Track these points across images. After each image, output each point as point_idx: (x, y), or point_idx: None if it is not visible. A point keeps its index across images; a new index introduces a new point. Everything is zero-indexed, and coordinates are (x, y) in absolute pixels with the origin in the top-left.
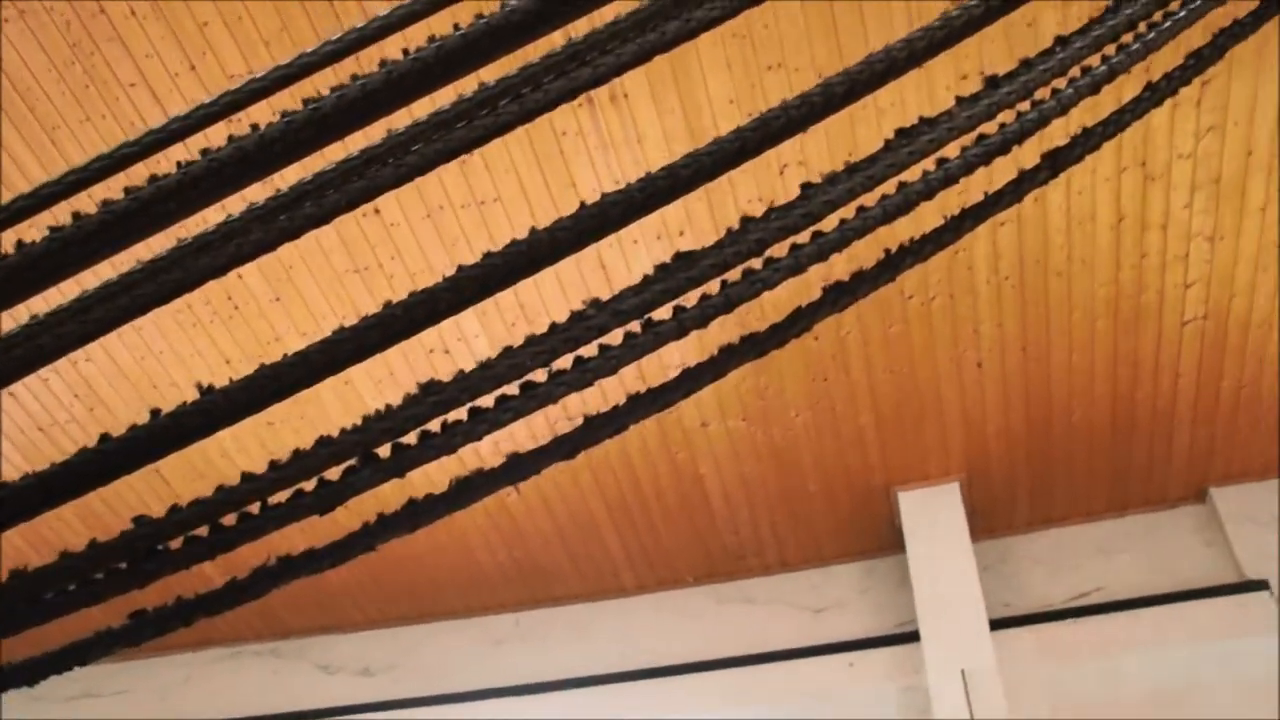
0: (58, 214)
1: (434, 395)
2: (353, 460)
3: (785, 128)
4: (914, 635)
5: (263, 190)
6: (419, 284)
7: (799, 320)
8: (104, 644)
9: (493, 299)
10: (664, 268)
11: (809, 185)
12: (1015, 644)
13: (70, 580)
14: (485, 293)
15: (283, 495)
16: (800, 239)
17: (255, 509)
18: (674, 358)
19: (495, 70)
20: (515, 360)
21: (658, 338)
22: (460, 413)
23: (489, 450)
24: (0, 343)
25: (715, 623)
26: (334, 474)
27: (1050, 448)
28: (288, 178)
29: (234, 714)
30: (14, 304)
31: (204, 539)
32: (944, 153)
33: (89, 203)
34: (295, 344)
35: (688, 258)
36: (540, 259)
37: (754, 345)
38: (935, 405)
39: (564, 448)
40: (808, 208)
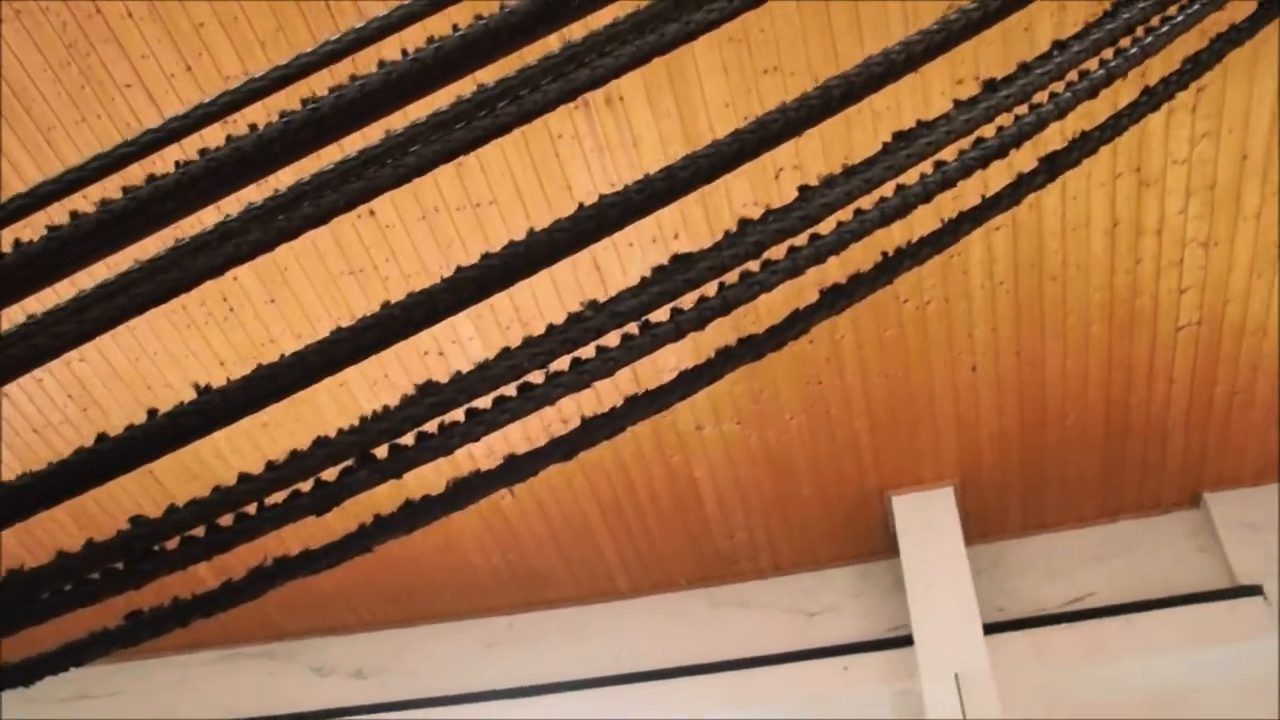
0: (53, 214)
1: (431, 396)
2: (350, 461)
3: (783, 130)
4: (908, 639)
5: (259, 191)
6: (414, 286)
7: (796, 322)
8: (100, 645)
9: (488, 302)
10: (661, 270)
11: (806, 188)
12: (1009, 648)
13: (66, 580)
14: (483, 294)
15: (280, 496)
16: (798, 241)
17: (252, 510)
18: (669, 360)
19: (493, 72)
20: (513, 362)
21: (655, 339)
22: (457, 414)
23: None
24: None
25: (709, 626)
26: (331, 475)
27: (1044, 452)
28: (285, 179)
29: (228, 716)
30: (12, 303)
31: (200, 539)
32: (941, 156)
33: (85, 203)
34: (290, 346)
35: (685, 260)
36: (538, 260)
37: (751, 347)
38: (929, 409)
39: (561, 449)
40: (805, 210)
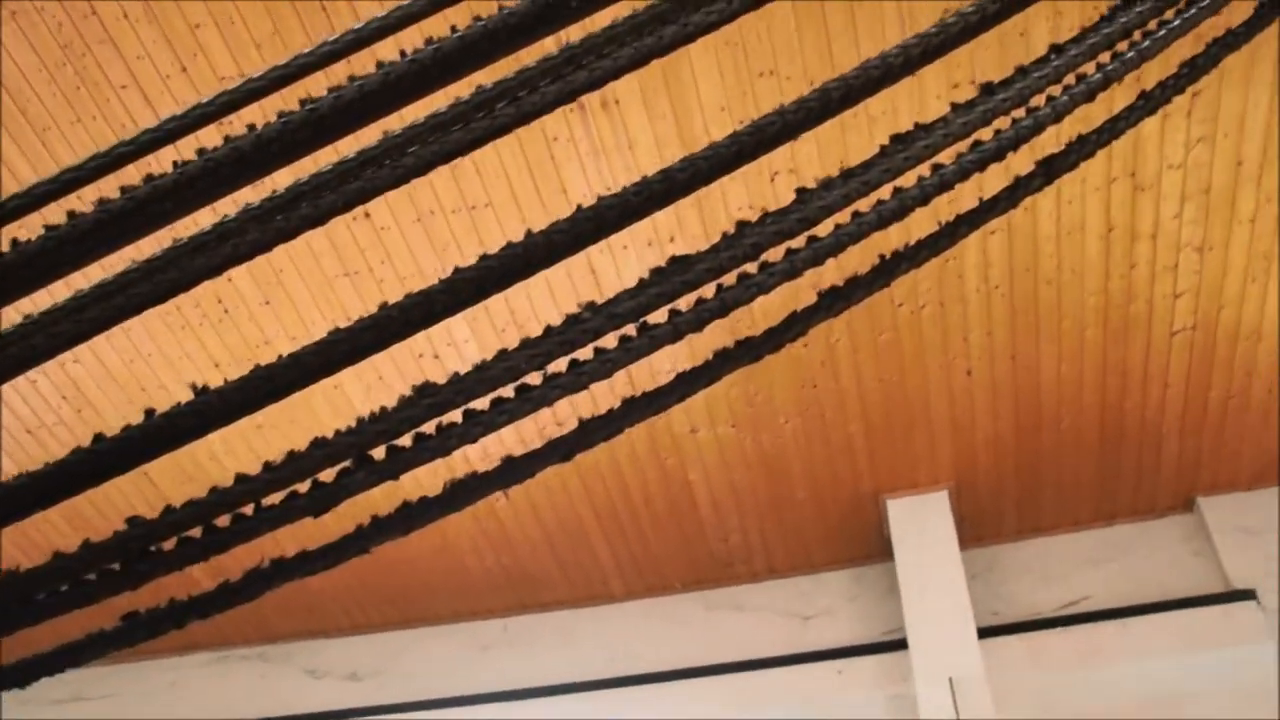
0: (48, 214)
1: (429, 398)
2: (347, 462)
3: (781, 132)
4: (902, 643)
5: (254, 193)
6: (409, 288)
7: (794, 324)
8: (97, 646)
9: (483, 304)
10: (659, 271)
11: (804, 190)
12: (1003, 652)
13: (63, 581)
14: (481, 295)
15: (277, 497)
16: (795, 243)
17: (249, 511)
18: (665, 363)
19: (492, 74)
20: (510, 363)
21: (653, 341)
22: (455, 415)
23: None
24: None
25: (704, 630)
26: (328, 476)
27: (1039, 456)
28: (283, 180)
29: (222, 718)
30: (10, 302)
31: (197, 540)
32: (939, 159)
33: (79, 204)
34: (285, 348)
35: (683, 261)
36: (536, 262)
37: (749, 349)
38: (924, 413)
39: (559, 451)
40: (803, 212)
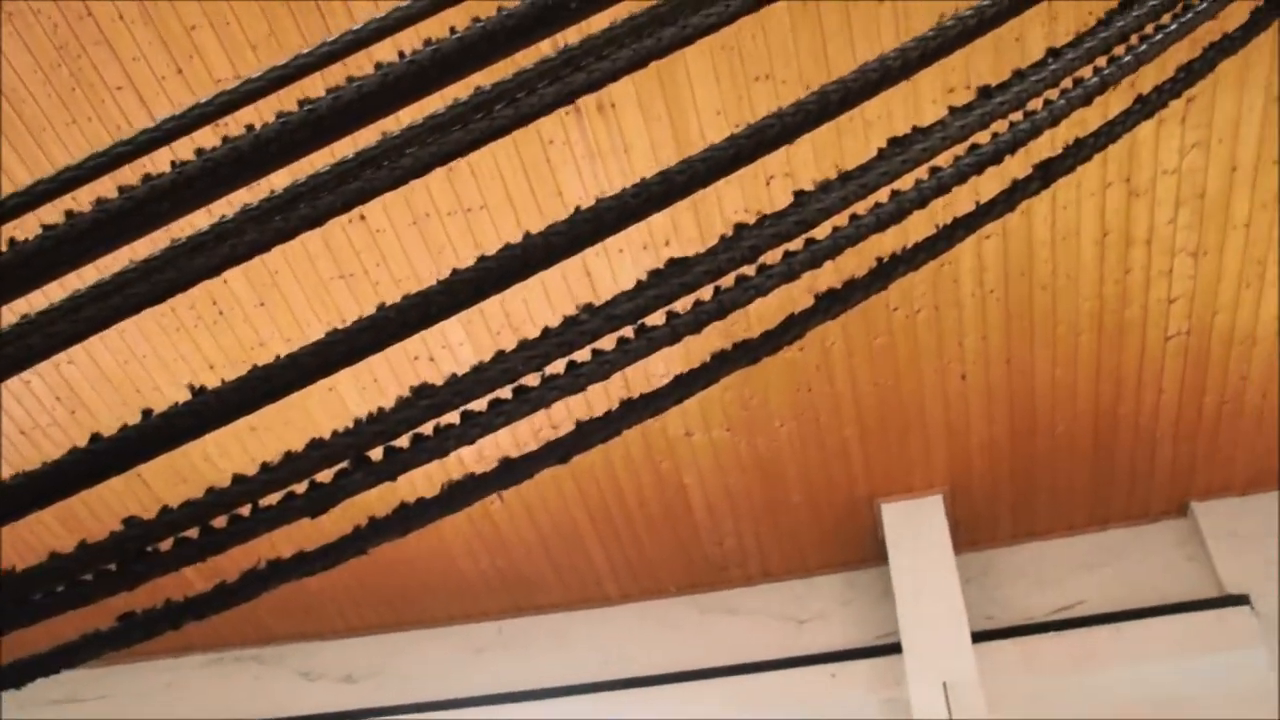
0: (43, 215)
1: (426, 399)
2: (344, 463)
3: (780, 135)
4: (896, 647)
5: (252, 194)
6: (404, 291)
7: (792, 327)
8: (93, 646)
9: (478, 307)
10: (657, 273)
11: (802, 193)
12: (997, 656)
13: (59, 581)
14: (478, 296)
15: (274, 497)
16: (793, 246)
17: (246, 511)
18: (659, 367)
19: (490, 75)
20: (508, 364)
21: (650, 343)
22: (453, 416)
23: (473, 457)
24: None
25: (698, 633)
26: (326, 477)
27: (1033, 461)
28: (280, 181)
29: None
30: (7, 301)
31: (194, 541)
32: (937, 162)
33: (75, 204)
34: (279, 350)
35: (681, 264)
36: (534, 263)
37: (747, 351)
38: (919, 417)
39: (556, 452)
40: (801, 215)
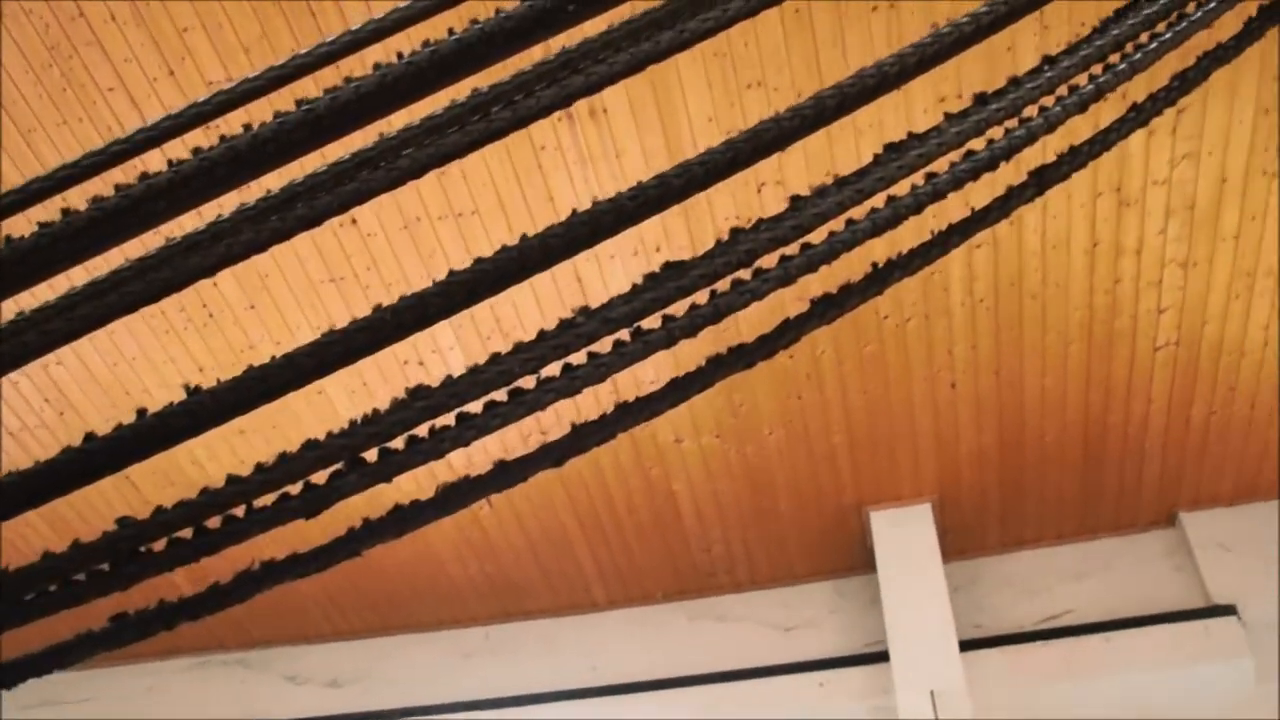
0: (36, 215)
1: (422, 400)
2: (339, 464)
3: (777, 139)
4: (884, 655)
5: (241, 197)
6: (394, 295)
7: (787, 331)
8: (85, 646)
9: (469, 312)
10: (653, 277)
11: (798, 198)
12: (984, 665)
13: (52, 581)
14: (474, 298)
15: (268, 498)
16: (789, 250)
17: (240, 512)
18: (650, 373)
19: (488, 77)
20: (503, 366)
21: (647, 346)
22: (448, 418)
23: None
24: None
25: (686, 639)
26: (320, 478)
27: (1022, 470)
28: (275, 183)
29: None
30: (4, 298)
31: (188, 541)
32: (933, 168)
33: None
34: (269, 353)
35: (678, 267)
36: (531, 265)
37: (742, 355)
38: (908, 426)
39: (551, 455)
40: (797, 220)
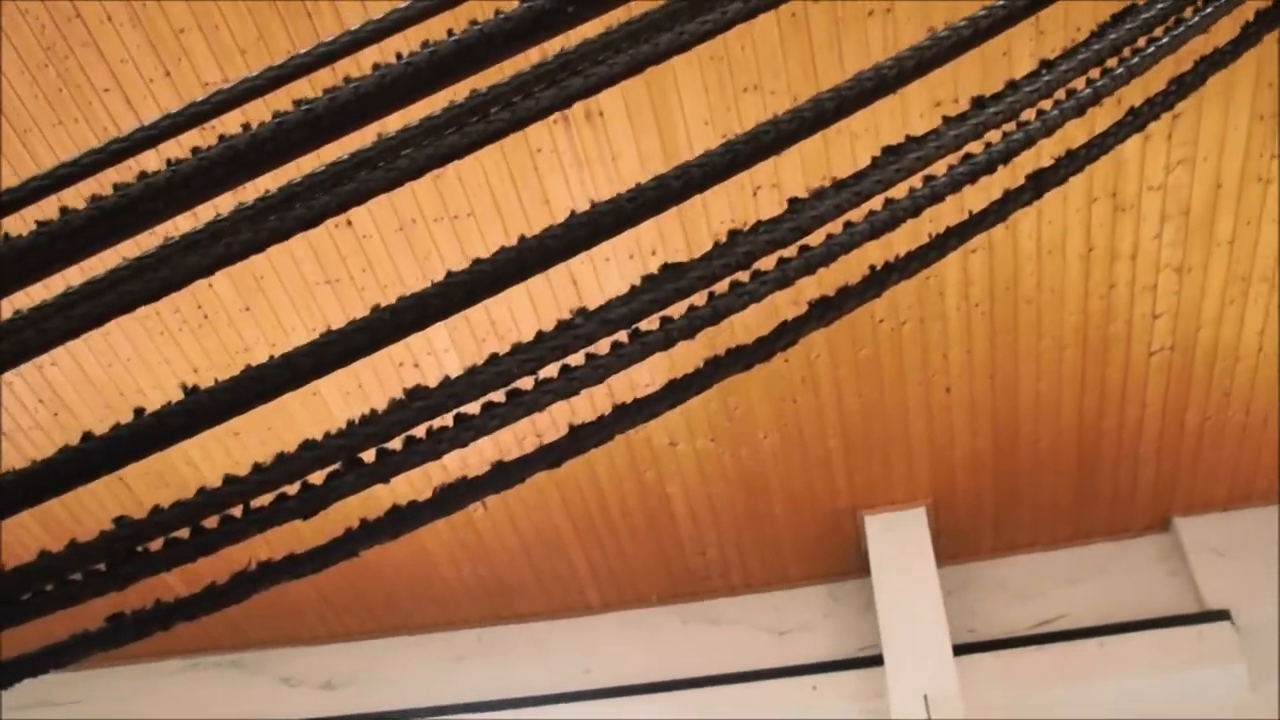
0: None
1: (419, 400)
2: (337, 464)
3: (775, 142)
4: (877, 659)
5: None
6: (390, 297)
7: (785, 333)
8: (81, 646)
9: (464, 314)
10: (651, 278)
11: (796, 200)
12: (978, 669)
13: (48, 581)
14: (472, 299)
15: (265, 499)
16: (787, 253)
17: (237, 512)
18: (644, 376)
19: (487, 78)
20: (501, 367)
21: (645, 347)
22: (446, 418)
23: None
24: None
25: (679, 642)
26: (317, 478)
27: (1016, 475)
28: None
29: None
30: (2, 297)
31: (185, 541)
32: (930, 171)
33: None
34: (264, 355)
35: (675, 269)
36: (529, 266)
37: (741, 357)
38: (903, 430)
39: (549, 456)
40: (796, 222)
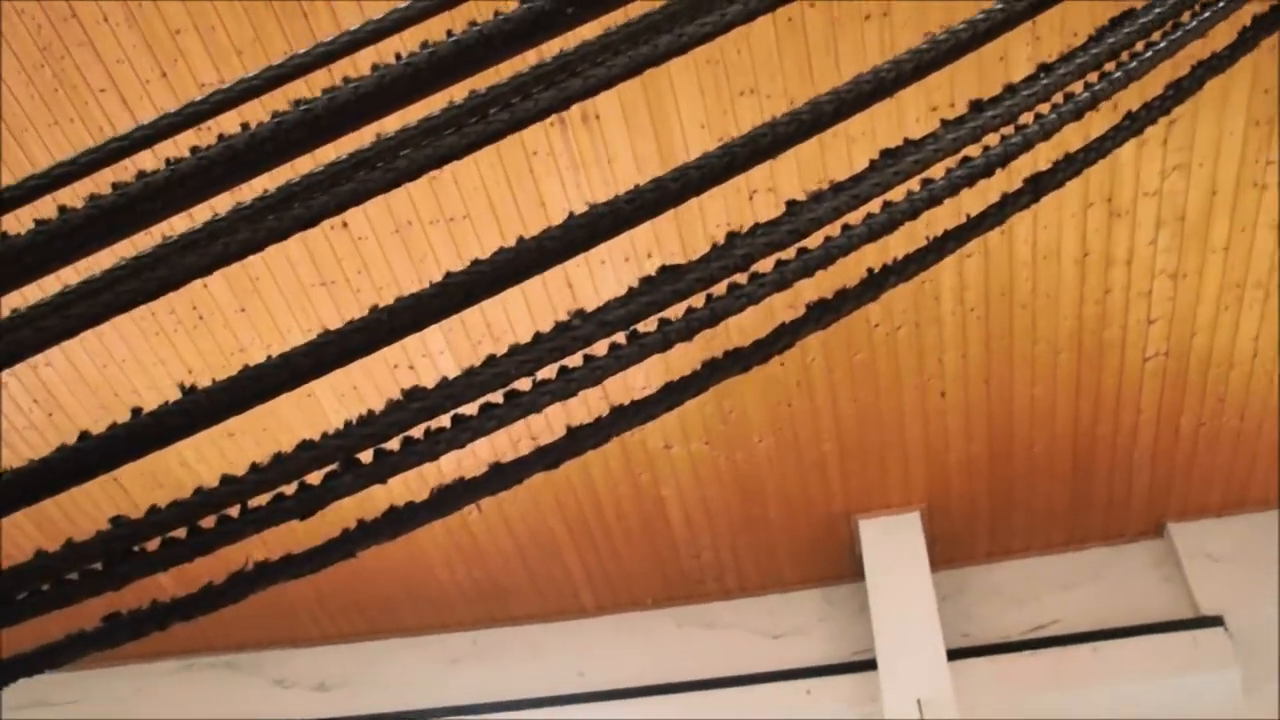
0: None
1: (417, 401)
2: (334, 465)
3: (773, 144)
4: (871, 663)
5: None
6: (385, 299)
7: (783, 336)
8: (77, 646)
9: (459, 316)
10: (649, 280)
11: (794, 203)
12: (972, 674)
13: (44, 580)
14: (470, 300)
15: (263, 498)
16: (785, 255)
17: (235, 512)
18: (640, 379)
19: (486, 79)
20: (499, 368)
21: (643, 349)
22: (443, 419)
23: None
24: None
25: (674, 646)
26: (315, 478)
27: (1011, 480)
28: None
29: None
30: (1, 296)
31: (182, 541)
32: (929, 174)
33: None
34: (259, 356)
35: (674, 271)
36: (527, 268)
37: (738, 359)
38: (898, 434)
39: (547, 458)
40: (794, 224)
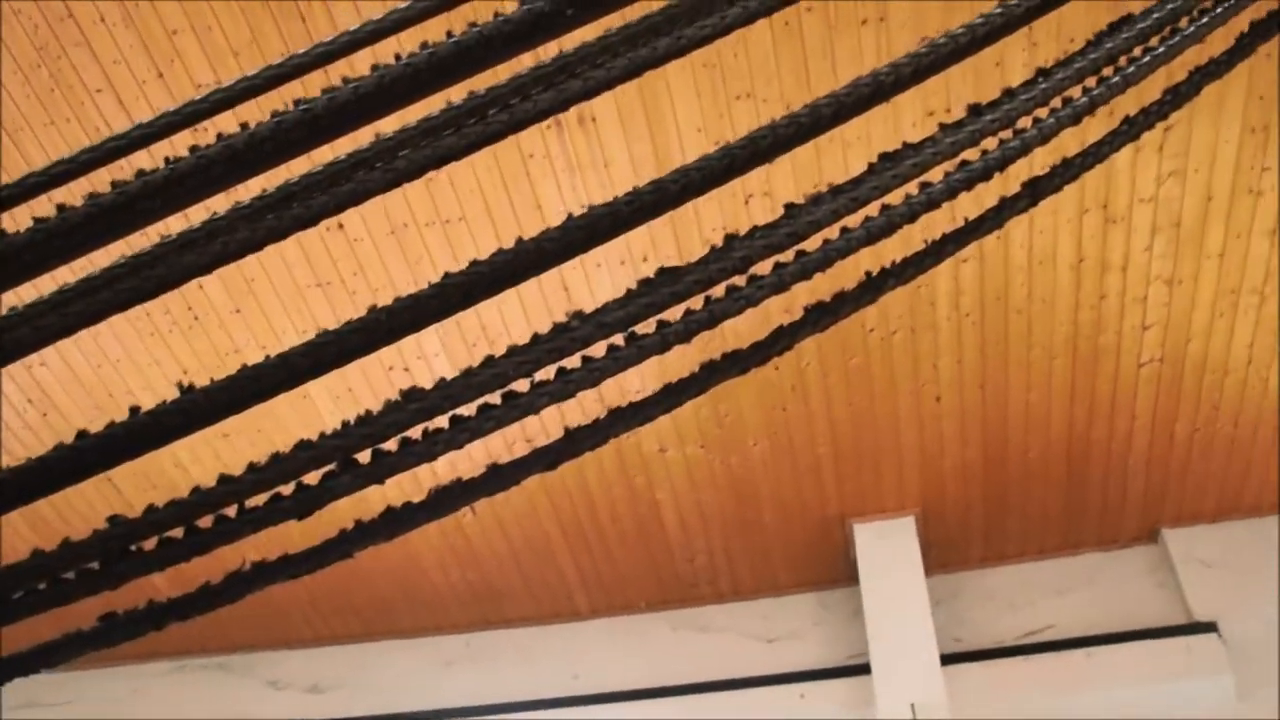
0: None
1: (415, 402)
2: (332, 465)
3: (772, 147)
4: (865, 668)
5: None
6: (381, 301)
7: (780, 339)
8: (74, 646)
9: (454, 318)
10: (647, 282)
11: (793, 206)
12: (965, 679)
13: (40, 579)
14: (469, 301)
15: (260, 498)
16: (784, 258)
17: (232, 512)
18: (635, 383)
19: (485, 80)
20: (498, 369)
21: (641, 351)
22: (441, 420)
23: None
24: None
25: (667, 649)
26: (312, 478)
27: (1006, 485)
28: (269, 183)
29: None
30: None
31: (179, 540)
32: (927, 177)
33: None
34: (254, 357)
35: (672, 273)
36: (525, 269)
37: (736, 361)
38: (893, 439)
39: (545, 459)
40: (792, 228)
